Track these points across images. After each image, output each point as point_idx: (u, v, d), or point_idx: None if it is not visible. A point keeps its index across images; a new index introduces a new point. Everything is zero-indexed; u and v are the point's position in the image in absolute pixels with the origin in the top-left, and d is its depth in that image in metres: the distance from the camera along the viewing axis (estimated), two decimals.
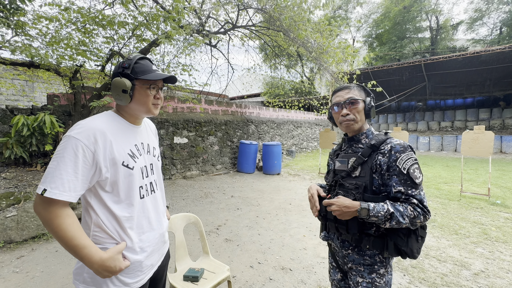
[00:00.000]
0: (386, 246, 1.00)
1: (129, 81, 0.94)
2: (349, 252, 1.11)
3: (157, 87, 1.01)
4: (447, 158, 10.81)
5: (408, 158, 0.98)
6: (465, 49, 19.56)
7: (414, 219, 0.93)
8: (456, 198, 4.82)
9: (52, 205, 0.80)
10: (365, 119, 1.13)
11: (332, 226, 1.14)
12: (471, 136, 4.87)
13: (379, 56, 21.46)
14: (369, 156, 1.05)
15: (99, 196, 0.90)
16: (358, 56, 5.73)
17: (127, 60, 0.97)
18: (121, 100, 0.95)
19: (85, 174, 0.85)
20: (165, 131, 6.17)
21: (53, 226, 0.80)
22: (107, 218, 0.91)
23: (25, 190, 3.37)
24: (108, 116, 0.97)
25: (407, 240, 0.98)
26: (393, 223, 0.93)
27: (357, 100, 1.09)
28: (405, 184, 0.97)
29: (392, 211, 0.92)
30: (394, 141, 1.04)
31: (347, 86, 1.15)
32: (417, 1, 19.57)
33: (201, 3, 5.26)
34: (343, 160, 1.15)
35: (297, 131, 12.29)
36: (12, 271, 2.48)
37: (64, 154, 0.81)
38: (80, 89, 4.44)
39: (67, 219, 0.81)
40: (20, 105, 7.94)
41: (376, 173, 1.03)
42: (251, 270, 2.54)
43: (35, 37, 4.09)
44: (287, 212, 4.22)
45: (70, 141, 0.83)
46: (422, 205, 0.95)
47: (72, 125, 0.89)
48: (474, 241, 3.05)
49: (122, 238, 0.93)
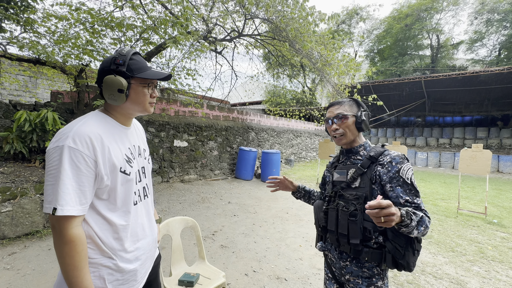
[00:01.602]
0: (384, 258, 1.01)
1: (124, 79, 0.86)
2: (347, 263, 1.11)
3: (153, 85, 0.96)
4: (444, 175, 10.84)
5: (408, 168, 1.02)
6: (464, 68, 19.93)
7: (428, 225, 0.96)
8: (453, 215, 4.82)
9: (68, 222, 0.76)
10: (357, 132, 1.15)
11: (332, 237, 1.14)
12: (469, 154, 4.92)
13: (380, 70, 21.82)
14: (368, 167, 1.08)
15: (92, 205, 0.84)
16: (360, 70, 5.83)
17: (120, 55, 0.87)
18: (115, 100, 0.87)
19: (91, 184, 0.81)
20: (166, 134, 6.18)
21: (62, 251, 0.76)
22: (100, 228, 0.85)
23: (22, 186, 3.34)
24: (97, 117, 0.89)
25: (405, 253, 0.98)
26: (421, 228, 0.90)
27: (345, 115, 1.13)
28: (410, 193, 0.99)
29: (421, 215, 0.91)
30: (392, 153, 1.07)
31: (338, 101, 1.19)
32: (419, 20, 20.06)
33: (209, 10, 5.37)
34: (342, 172, 1.17)
35: (296, 140, 12.33)
36: (3, 268, 2.43)
37: (64, 166, 0.75)
38: (84, 88, 4.48)
39: (78, 246, 0.77)
40: (22, 100, 7.95)
41: (375, 184, 1.05)
42: (246, 278, 2.51)
43: (43, 35, 4.15)
44: (284, 221, 4.19)
45: (68, 152, 0.75)
46: (425, 210, 0.98)
47: (60, 129, 0.82)
48: (471, 259, 3.04)
49: (115, 249, 0.87)
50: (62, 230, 0.76)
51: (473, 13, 19.39)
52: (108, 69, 0.87)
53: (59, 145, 0.76)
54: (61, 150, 0.75)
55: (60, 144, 0.76)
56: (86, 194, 0.79)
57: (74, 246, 0.76)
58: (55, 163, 0.76)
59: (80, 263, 0.77)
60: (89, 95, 4.71)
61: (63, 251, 0.75)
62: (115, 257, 0.87)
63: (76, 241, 0.76)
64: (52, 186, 0.75)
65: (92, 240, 0.83)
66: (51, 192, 0.75)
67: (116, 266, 0.87)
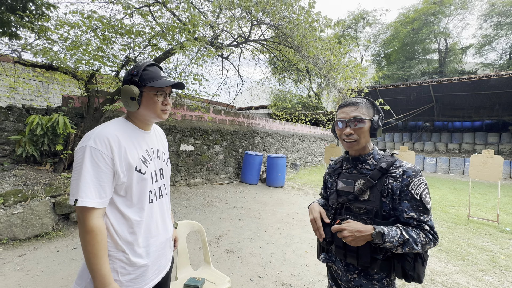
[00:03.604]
0: (393, 268, 0.97)
1: (137, 88, 0.96)
2: (354, 276, 1.05)
3: (164, 93, 1.02)
4: (454, 181, 10.59)
5: (420, 183, 0.95)
6: (474, 73, 19.59)
7: (425, 245, 0.91)
8: (463, 222, 4.70)
9: (89, 214, 0.84)
10: (370, 139, 1.05)
11: (340, 252, 1.07)
12: (480, 159, 4.81)
13: (387, 75, 21.65)
14: (378, 179, 1.00)
15: (112, 200, 0.93)
16: (366, 75, 5.81)
17: (135, 67, 0.98)
18: (130, 106, 0.98)
19: (110, 180, 0.89)
20: (172, 138, 6.25)
21: (85, 240, 0.84)
22: (117, 222, 0.93)
23: (32, 188, 3.42)
24: (119, 122, 1.00)
25: (414, 264, 0.95)
26: (406, 248, 0.89)
27: (363, 120, 1.01)
28: (417, 210, 0.93)
29: (407, 237, 0.89)
30: (405, 164, 0.99)
31: (355, 101, 1.05)
32: (426, 24, 19.90)
33: (216, 17, 5.46)
34: (348, 182, 1.08)
35: (302, 144, 12.28)
36: (13, 269, 2.48)
37: (86, 164, 0.84)
38: (94, 93, 4.58)
39: (98, 236, 0.85)
40: (35, 104, 8.18)
41: (387, 197, 0.98)
42: (251, 283, 2.49)
43: (56, 42, 4.28)
44: (290, 226, 4.16)
45: (89, 151, 0.85)
46: (433, 231, 0.93)
47: (86, 132, 0.92)
48: (482, 269, 2.95)
49: (129, 242, 0.94)
50: (84, 220, 0.84)
51: (482, 16, 19.13)
52: (126, 79, 0.99)
53: (83, 146, 0.87)
54: (84, 149, 0.86)
55: (84, 145, 0.87)
56: (106, 189, 0.88)
57: (94, 235, 0.84)
58: (79, 160, 0.86)
59: (99, 252, 0.84)
60: (98, 99, 4.82)
61: (85, 239, 0.84)
62: (127, 250, 0.93)
63: (96, 231, 0.84)
64: (76, 181, 0.85)
65: (109, 233, 0.91)
66: (74, 186, 0.85)
67: (128, 260, 0.93)
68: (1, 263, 2.56)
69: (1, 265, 2.52)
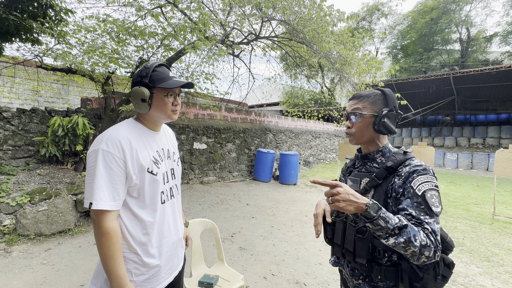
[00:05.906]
0: (401, 278, 0.88)
1: (147, 90, 0.95)
2: (359, 282, 0.99)
3: (174, 94, 1.02)
4: (477, 177, 10.08)
5: (426, 180, 0.84)
6: (499, 62, 18.43)
7: (423, 248, 0.74)
8: (488, 221, 4.46)
9: (103, 216, 0.85)
10: (375, 134, 0.98)
11: (338, 251, 1.04)
12: (506, 155, 4.53)
13: (403, 67, 20.82)
14: (384, 179, 0.93)
15: (125, 202, 0.93)
16: (382, 68, 5.60)
17: (144, 68, 0.97)
18: (140, 108, 0.97)
19: (123, 183, 0.90)
20: (186, 137, 6.36)
21: (100, 242, 0.86)
22: (131, 223, 0.94)
23: (56, 187, 3.60)
24: (129, 124, 1.00)
25: (423, 276, 0.84)
26: (400, 239, 0.74)
27: (361, 114, 0.96)
28: (418, 208, 0.81)
29: (406, 223, 0.76)
30: (414, 162, 0.90)
31: (361, 94, 1.01)
32: (446, 13, 18.90)
33: (227, 15, 5.46)
34: (355, 180, 1.04)
35: (315, 141, 12.12)
36: (40, 263, 2.63)
37: (99, 167, 0.85)
38: (110, 94, 4.73)
39: (113, 237, 0.86)
40: (56, 106, 8.59)
41: (390, 198, 0.90)
42: (265, 281, 2.50)
43: (74, 46, 4.46)
44: (303, 224, 4.13)
45: (102, 154, 0.86)
46: (435, 238, 0.77)
47: (98, 136, 0.93)
48: (509, 271, 2.79)
49: (142, 243, 0.95)
50: (99, 222, 0.85)
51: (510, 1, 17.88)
52: (135, 80, 0.98)
53: (95, 149, 0.87)
54: (96, 153, 0.86)
55: (96, 148, 0.87)
56: (119, 191, 0.88)
57: (109, 237, 0.85)
58: (92, 163, 0.86)
59: (115, 253, 0.85)
60: (115, 101, 4.97)
61: (101, 241, 0.85)
62: (140, 252, 0.95)
63: (111, 233, 0.85)
64: (89, 184, 0.85)
65: (123, 234, 0.92)
66: (89, 189, 0.85)
67: (141, 261, 0.95)
68: (30, 257, 2.72)
69: (30, 259, 2.68)
